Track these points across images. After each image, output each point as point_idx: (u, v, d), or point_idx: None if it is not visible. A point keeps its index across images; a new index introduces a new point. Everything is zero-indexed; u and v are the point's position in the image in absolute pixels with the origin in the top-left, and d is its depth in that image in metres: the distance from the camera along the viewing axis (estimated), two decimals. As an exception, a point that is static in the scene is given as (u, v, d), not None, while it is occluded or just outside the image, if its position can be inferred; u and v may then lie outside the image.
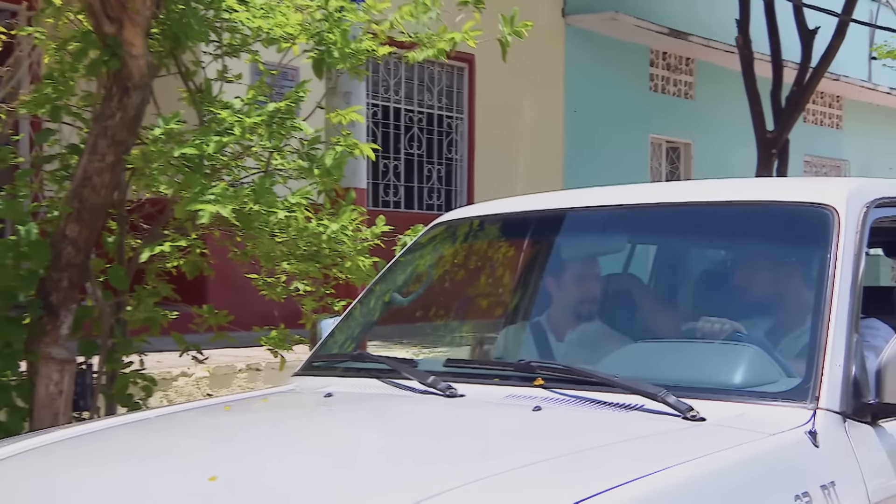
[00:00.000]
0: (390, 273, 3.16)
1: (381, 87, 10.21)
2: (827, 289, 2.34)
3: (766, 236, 2.69)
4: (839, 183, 2.68)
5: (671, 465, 1.83)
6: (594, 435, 2.07)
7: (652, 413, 2.20)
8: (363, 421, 2.30)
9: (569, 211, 3.00)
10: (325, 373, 2.82)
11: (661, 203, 2.82)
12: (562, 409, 2.27)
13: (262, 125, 3.65)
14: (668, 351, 2.58)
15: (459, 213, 3.32)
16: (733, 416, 2.16)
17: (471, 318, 3.50)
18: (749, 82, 10.94)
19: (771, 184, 2.82)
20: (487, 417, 2.25)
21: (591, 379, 2.35)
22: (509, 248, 3.41)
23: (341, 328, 2.99)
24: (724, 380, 2.35)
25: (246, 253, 4.08)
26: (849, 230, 2.44)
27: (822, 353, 2.24)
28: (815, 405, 2.16)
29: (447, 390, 2.40)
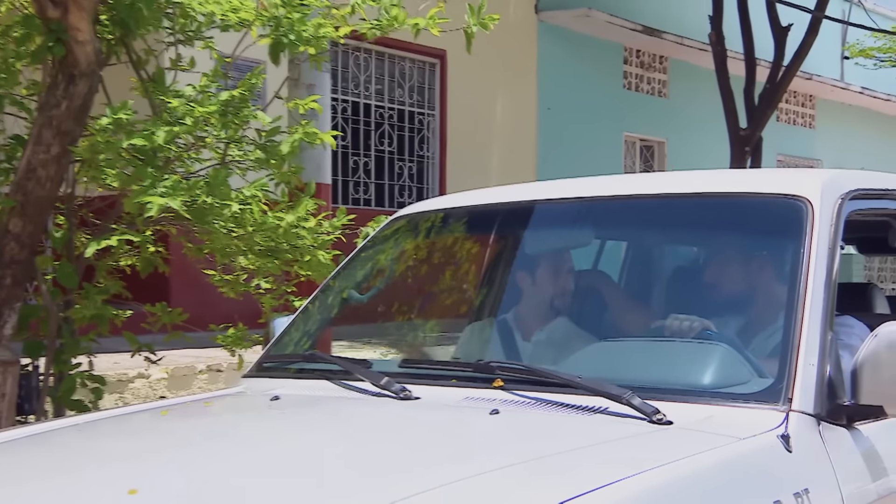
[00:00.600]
0: (348, 268, 3.02)
1: (352, 83, 10.04)
2: (800, 284, 2.22)
3: (737, 229, 2.57)
4: (813, 174, 2.56)
5: (632, 474, 1.70)
6: (551, 440, 1.94)
7: (616, 416, 2.07)
8: (309, 425, 2.16)
9: (536, 203, 2.87)
10: (275, 374, 2.67)
11: (631, 195, 2.69)
12: (520, 411, 2.13)
13: (215, 114, 3.49)
14: (635, 350, 2.45)
15: (422, 206, 3.18)
16: (701, 419, 2.03)
17: (434, 316, 3.36)
18: (722, 79, 10.88)
19: (743, 175, 2.70)
20: (441, 421, 2.11)
21: (552, 380, 2.22)
22: (474, 242, 3.28)
23: (294, 327, 2.84)
24: (692, 381, 2.23)
25: (201, 249, 3.93)
26: (823, 223, 2.33)
27: (795, 353, 2.12)
28: (787, 407, 2.04)
29: (401, 392, 2.26)
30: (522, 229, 3.04)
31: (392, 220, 3.14)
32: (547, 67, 12.41)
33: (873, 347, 2.09)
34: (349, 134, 10.05)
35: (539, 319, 2.88)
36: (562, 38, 12.57)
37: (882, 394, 2.07)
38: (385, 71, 10.43)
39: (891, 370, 2.06)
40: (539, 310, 2.91)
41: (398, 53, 10.42)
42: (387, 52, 10.32)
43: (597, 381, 2.15)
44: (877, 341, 2.09)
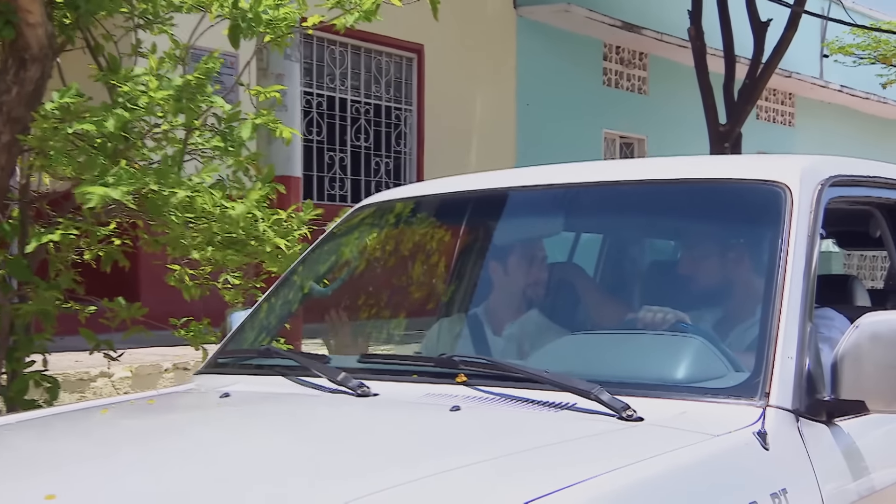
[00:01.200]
0: (309, 260, 2.89)
1: (326, 77, 9.88)
2: (778, 274, 2.11)
3: (713, 216, 2.46)
4: (792, 159, 2.46)
5: (598, 474, 1.58)
6: (513, 437, 1.81)
7: (584, 412, 1.95)
8: (257, 424, 2.02)
9: (507, 191, 2.75)
10: (230, 370, 2.53)
11: (604, 182, 2.57)
12: (483, 408, 2.01)
13: (168, 100, 3.34)
14: (606, 344, 2.33)
15: (389, 195, 3.06)
16: (674, 416, 1.92)
17: (402, 309, 3.24)
18: (701, 75, 10.81)
19: (720, 161, 2.59)
20: (399, 418, 1.98)
21: (518, 375, 2.10)
22: (444, 231, 3.15)
23: (252, 321, 2.71)
24: (664, 375, 2.11)
25: (158, 241, 3.77)
26: (802, 210, 2.22)
27: (773, 345, 2.00)
28: (764, 402, 1.92)
29: (358, 388, 2.14)
30: (493, 218, 2.93)
31: (357, 208, 3.01)
32: (526, 63, 12.31)
33: (854, 339, 1.98)
34: (324, 129, 9.90)
35: (510, 313, 2.78)
36: (541, 33, 12.47)
37: (863, 388, 1.96)
38: (361, 65, 10.28)
39: (873, 363, 1.95)
40: (510, 303, 2.80)
41: (374, 47, 10.28)
42: (363, 46, 10.17)
43: (564, 376, 2.03)
44: (858, 333, 1.98)
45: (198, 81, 3.48)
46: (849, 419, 2.05)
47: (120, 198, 3.07)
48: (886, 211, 2.72)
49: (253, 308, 2.77)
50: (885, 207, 2.71)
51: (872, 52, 14.82)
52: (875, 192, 2.62)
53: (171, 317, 4.04)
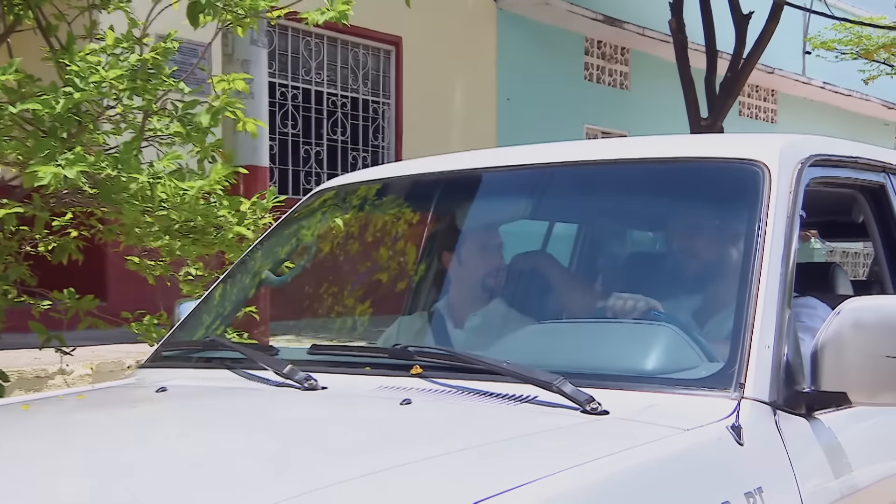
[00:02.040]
0: (265, 246, 2.73)
1: (302, 69, 9.71)
2: (755, 257, 1.97)
3: (687, 197, 2.32)
4: (771, 138, 2.32)
5: (556, 471, 1.43)
6: (467, 433, 1.67)
7: (545, 406, 1.81)
8: (189, 420, 1.86)
9: (475, 173, 2.60)
10: (174, 364, 2.37)
11: (573, 162, 2.43)
12: (437, 401, 1.86)
13: (122, 80, 3.17)
14: (572, 333, 2.19)
15: (350, 178, 2.90)
16: (641, 409, 1.77)
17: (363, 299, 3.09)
18: (683, 68, 10.69)
19: (694, 140, 2.45)
20: (344, 413, 1.83)
21: (476, 366, 1.95)
22: (408, 217, 3.00)
23: (200, 312, 2.55)
24: (632, 366, 1.97)
25: (112, 230, 3.61)
26: (781, 190, 2.09)
27: (749, 334, 1.87)
28: (739, 394, 1.78)
29: (305, 381, 1.98)
30: (459, 202, 2.79)
31: (316, 192, 2.85)
32: (506, 57, 12.17)
33: (836, 327, 1.85)
34: (300, 122, 9.72)
35: (474, 303, 2.63)
36: (521, 26, 12.33)
37: (845, 379, 1.83)
38: (338, 57, 10.11)
39: (855, 353, 1.82)
40: (475, 293, 2.66)
41: (351, 39, 10.11)
42: (339, 38, 10.00)
43: (524, 367, 1.88)
44: (840, 320, 1.85)
45: (154, 62, 3.31)
46: (830, 412, 1.92)
47: (74, 178, 2.90)
48: (870, 194, 2.59)
49: (202, 298, 2.61)
50: (869, 191, 2.58)
51: (854, 47, 14.75)
52: (858, 175, 2.49)
53: (145, 314, 3.87)
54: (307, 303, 3.42)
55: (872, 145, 2.74)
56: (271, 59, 9.32)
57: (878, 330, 1.81)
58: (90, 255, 4.04)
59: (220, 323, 2.57)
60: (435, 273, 2.98)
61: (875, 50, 14.39)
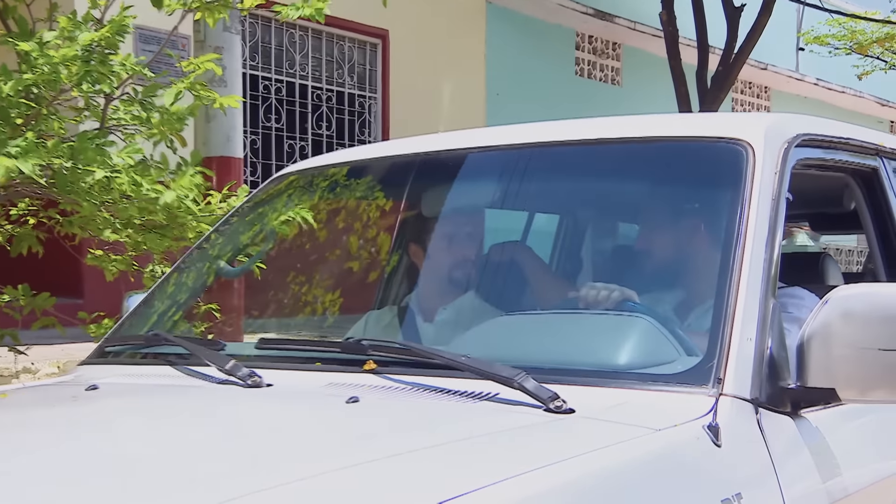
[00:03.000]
0: (219, 236, 2.57)
1: (286, 62, 9.53)
2: (737, 242, 1.82)
3: (666, 179, 2.16)
4: (756, 116, 2.17)
5: (508, 477, 1.28)
6: (415, 434, 1.51)
7: (506, 403, 1.65)
8: (112, 421, 1.70)
9: (444, 154, 2.45)
10: (117, 360, 2.22)
11: (549, 143, 2.27)
12: (388, 399, 1.70)
13: (75, 61, 3.00)
14: (539, 326, 2.03)
15: (314, 161, 2.74)
16: (610, 407, 1.62)
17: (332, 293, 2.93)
18: (674, 61, 10.55)
19: (675, 118, 2.28)
20: (283, 413, 1.67)
21: (433, 361, 1.79)
22: (379, 203, 2.84)
23: (148, 306, 2.39)
24: (602, 360, 1.81)
25: (72, 221, 3.44)
26: (766, 170, 1.93)
27: (729, 324, 1.71)
28: (717, 391, 1.62)
29: (248, 379, 1.82)
30: (428, 188, 2.63)
31: (276, 178, 2.69)
32: (496, 51, 12.00)
33: (823, 317, 1.69)
34: (283, 116, 9.54)
35: (445, 296, 2.48)
36: (511, 20, 12.17)
37: (834, 374, 1.67)
38: (323, 50, 9.93)
39: (845, 345, 1.66)
40: (446, 285, 2.51)
41: (337, 32, 9.94)
42: (324, 31, 9.82)
43: (484, 362, 1.73)
44: (828, 310, 1.69)
45: (108, 41, 3.14)
46: (818, 410, 1.76)
47: (29, 172, 2.74)
48: (862, 179, 2.43)
49: (150, 290, 2.45)
50: (861, 175, 2.42)
51: (848, 42, 14.61)
52: (850, 158, 2.33)
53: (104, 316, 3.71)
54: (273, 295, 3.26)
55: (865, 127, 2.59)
56: (254, 52, 9.15)
57: (869, 320, 1.66)
58: (65, 251, 3.88)
59: (170, 316, 2.40)
60: (406, 264, 2.82)
61: (868, 45, 14.25)
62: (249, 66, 9.08)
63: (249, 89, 9.01)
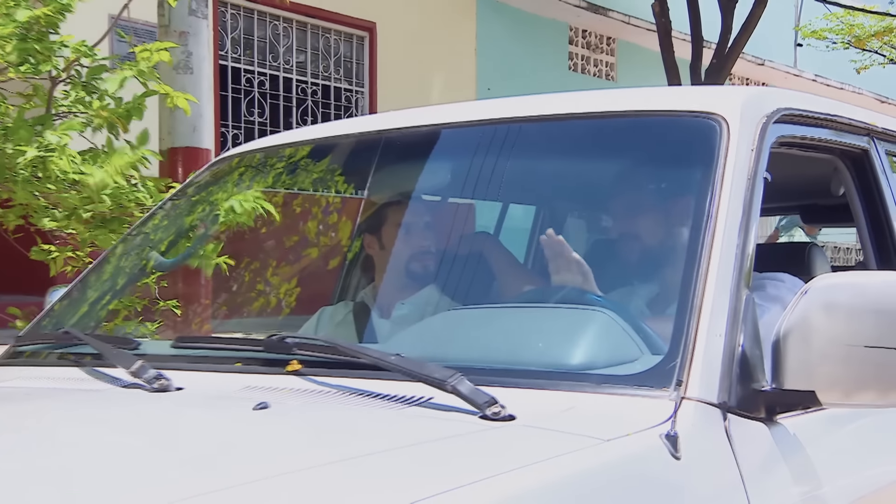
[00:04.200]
0: (149, 225, 2.36)
1: (270, 55, 9.31)
2: (707, 226, 1.61)
3: (631, 157, 1.96)
4: (732, 88, 1.96)
5: (422, 498, 1.07)
6: (323, 447, 1.30)
7: (439, 409, 1.44)
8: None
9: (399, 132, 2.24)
10: (28, 360, 2.01)
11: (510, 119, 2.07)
12: (301, 406, 1.49)
13: (12, 39, 2.80)
14: (488, 321, 1.82)
15: (260, 143, 2.53)
16: (556, 413, 1.41)
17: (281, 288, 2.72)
18: (667, 53, 10.33)
19: (645, 92, 2.07)
20: (180, 422, 1.46)
21: (360, 361, 1.58)
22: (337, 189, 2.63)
23: (67, 301, 2.18)
24: (553, 359, 1.60)
25: (14, 211, 3.23)
26: (741, 147, 1.73)
27: (696, 318, 1.50)
28: (678, 394, 1.42)
29: (154, 382, 1.61)
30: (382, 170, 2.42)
31: (215, 162, 2.48)
32: (487, 45, 11.78)
33: (802, 310, 1.48)
34: (267, 110, 9.32)
35: (403, 290, 2.28)
36: (503, 14, 11.95)
37: (815, 375, 1.47)
38: (308, 43, 9.71)
39: (826, 341, 1.45)
40: (405, 278, 2.31)
41: (322, 24, 9.72)
42: (309, 23, 9.61)
43: (416, 362, 1.52)
44: (807, 301, 1.48)
45: (47, 20, 2.94)
46: (796, 415, 1.55)
47: None
48: (851, 162, 2.22)
49: (72, 283, 2.24)
50: (850, 157, 2.21)
51: (846, 36, 14.38)
52: (837, 137, 2.12)
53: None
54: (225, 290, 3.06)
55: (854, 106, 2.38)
56: (235, 44, 8.94)
57: (854, 313, 1.45)
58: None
59: (90, 312, 2.19)
60: (365, 256, 2.62)
61: (867, 38, 14.03)
62: (231, 59, 8.87)
63: (231, 82, 8.80)
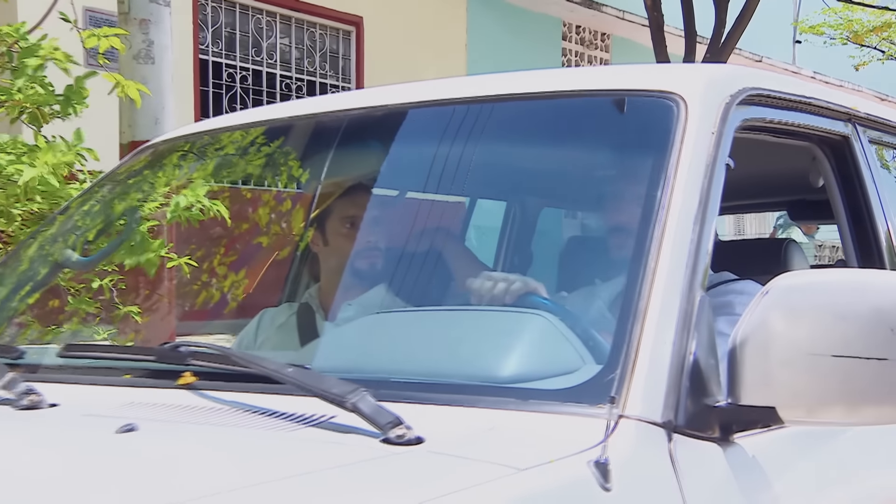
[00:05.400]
0: (63, 219, 2.15)
1: (252, 49, 9.10)
2: (657, 217, 1.41)
3: (578, 143, 1.75)
4: (694, 66, 1.76)
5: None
6: (169, 486, 1.09)
7: (337, 431, 1.24)
8: None
9: (338, 115, 2.05)
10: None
11: (440, 101, 1.88)
12: (176, 428, 1.29)
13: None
14: (413, 325, 1.61)
15: (191, 129, 2.32)
16: (471, 436, 1.20)
17: (210, 287, 2.52)
18: (659, 48, 10.11)
19: (599, 71, 1.87)
20: (26, 450, 1.25)
21: (256, 373, 1.38)
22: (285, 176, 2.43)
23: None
24: (478, 370, 1.39)
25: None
26: (701, 130, 1.53)
27: (640, 323, 1.30)
28: (616, 412, 1.21)
29: (24, 398, 1.41)
30: (325, 158, 2.23)
31: (138, 151, 2.27)
32: (477, 41, 11.56)
33: (762, 314, 1.28)
34: (250, 105, 9.12)
35: (351, 290, 2.10)
36: (494, 8, 11.74)
37: (775, 388, 1.26)
38: (292, 37, 9.49)
39: (788, 350, 1.25)
40: (354, 277, 2.14)
41: (307, 18, 9.51)
42: (293, 17, 9.39)
43: (315, 374, 1.32)
44: (767, 304, 1.28)
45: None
46: (755, 434, 1.34)
47: None
48: (830, 149, 2.02)
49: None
50: (829, 144, 2.01)
51: (844, 31, 14.17)
52: (814, 121, 1.91)
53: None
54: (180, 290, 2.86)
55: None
56: (216, 38, 8.73)
57: (820, 317, 1.25)
58: None
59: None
60: (312, 253, 2.42)
61: (865, 34, 13.81)
62: (212, 53, 8.67)
63: (212, 77, 8.59)
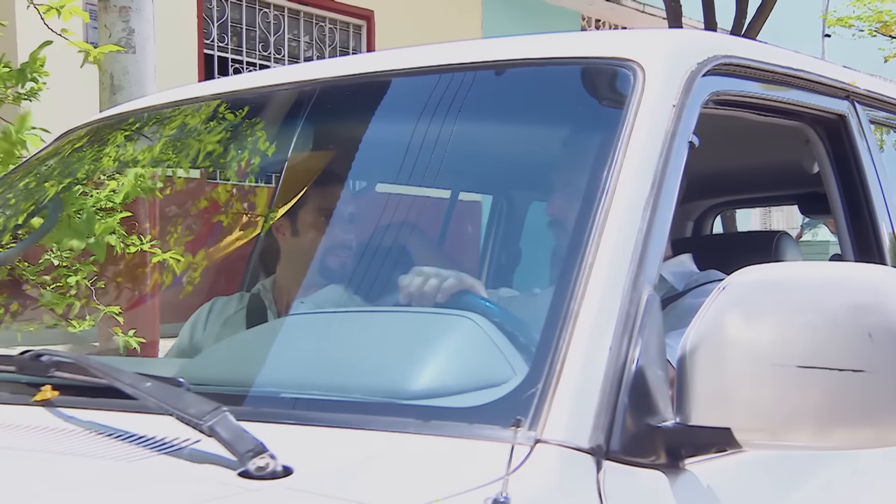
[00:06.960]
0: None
1: (259, 44, 8.93)
2: (600, 202, 1.19)
3: (525, 119, 1.53)
4: (659, 31, 1.53)
5: None
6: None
7: (194, 460, 1.03)
8: None
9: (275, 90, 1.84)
10: None
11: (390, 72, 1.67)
12: (11, 458, 1.09)
13: None
14: (324, 329, 1.40)
15: (124, 107, 2.13)
16: (350, 466, 0.99)
17: (150, 284, 2.33)
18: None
19: (554, 38, 1.63)
20: None
21: (112, 387, 1.17)
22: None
23: None
24: (379, 384, 1.17)
25: None
26: (660, 102, 1.31)
27: (570, 325, 1.08)
28: (532, 435, 0.99)
29: None
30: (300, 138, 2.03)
31: (66, 133, 2.08)
32: (493, 35, 11.35)
33: (716, 315, 1.06)
34: (257, 102, 8.96)
35: (307, 285, 1.96)
36: (510, 3, 11.52)
37: (731, 405, 1.04)
38: (301, 32, 9.31)
39: (746, 358, 1.03)
40: (310, 270, 1.99)
41: (317, 12, 9.33)
42: (302, 11, 9.21)
43: (174, 390, 1.11)
44: (723, 302, 1.06)
45: None
46: (708, 460, 1.12)
47: None
48: (825, 130, 1.77)
49: None
50: (824, 124, 1.76)
51: (873, 23, 13.79)
52: (804, 98, 1.68)
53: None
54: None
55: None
56: (223, 32, 8.57)
57: (785, 320, 1.02)
58: None
59: None
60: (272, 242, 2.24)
61: (895, 24, 13.44)
62: (218, 48, 8.51)
63: (218, 72, 8.44)
